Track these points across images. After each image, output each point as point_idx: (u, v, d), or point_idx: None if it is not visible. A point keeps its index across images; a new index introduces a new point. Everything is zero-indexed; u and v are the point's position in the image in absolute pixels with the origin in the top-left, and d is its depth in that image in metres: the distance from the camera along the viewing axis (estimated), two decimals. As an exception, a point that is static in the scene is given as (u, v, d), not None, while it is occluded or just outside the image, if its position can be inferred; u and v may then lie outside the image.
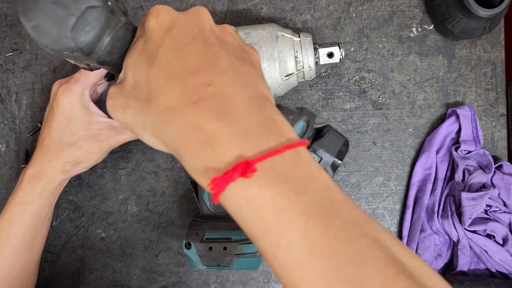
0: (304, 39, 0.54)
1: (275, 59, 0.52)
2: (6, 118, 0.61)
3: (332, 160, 0.42)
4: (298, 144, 0.27)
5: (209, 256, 0.52)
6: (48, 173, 0.50)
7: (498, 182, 0.59)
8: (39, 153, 0.51)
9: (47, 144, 0.51)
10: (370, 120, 0.63)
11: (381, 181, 0.63)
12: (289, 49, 0.53)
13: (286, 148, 0.26)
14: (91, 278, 0.60)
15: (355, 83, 0.63)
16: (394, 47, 0.63)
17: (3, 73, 0.61)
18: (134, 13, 0.62)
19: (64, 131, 0.50)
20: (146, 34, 0.31)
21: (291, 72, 0.53)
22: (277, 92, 0.54)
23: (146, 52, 0.30)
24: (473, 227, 0.57)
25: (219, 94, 0.27)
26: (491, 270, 0.58)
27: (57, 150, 0.50)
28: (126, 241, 0.61)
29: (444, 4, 0.58)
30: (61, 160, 0.51)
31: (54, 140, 0.51)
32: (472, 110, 0.60)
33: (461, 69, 0.63)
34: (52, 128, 0.51)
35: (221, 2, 0.62)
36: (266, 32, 0.52)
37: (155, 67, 0.29)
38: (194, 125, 0.27)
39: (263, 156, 0.25)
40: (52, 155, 0.50)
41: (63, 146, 0.50)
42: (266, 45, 0.52)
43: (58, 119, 0.50)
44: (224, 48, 0.30)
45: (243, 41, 0.35)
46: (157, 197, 0.61)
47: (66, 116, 0.50)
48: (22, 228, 0.51)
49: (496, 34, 0.63)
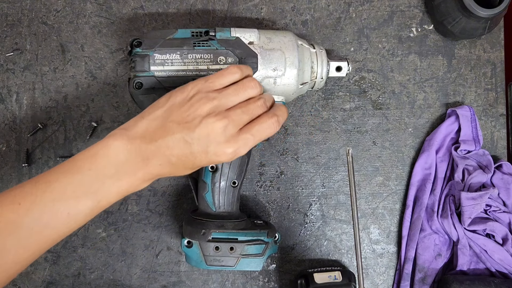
0: (320, 51, 0.55)
1: (296, 67, 0.52)
2: (6, 118, 0.61)
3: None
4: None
5: (214, 256, 0.52)
6: (158, 175, 0.44)
7: (498, 182, 0.59)
8: (161, 160, 0.43)
9: (176, 158, 0.44)
10: (370, 120, 0.63)
11: (381, 180, 0.63)
12: (308, 59, 0.54)
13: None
14: (92, 278, 0.60)
15: (355, 83, 0.63)
16: (394, 47, 0.63)
17: (3, 73, 0.61)
18: (134, 13, 0.62)
19: (197, 166, 0.46)
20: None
21: (306, 81, 0.54)
22: (289, 99, 0.55)
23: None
24: (473, 227, 0.57)
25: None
26: (491, 270, 0.59)
27: (179, 169, 0.45)
28: (126, 240, 0.61)
29: (444, 4, 0.58)
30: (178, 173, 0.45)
31: (185, 164, 0.44)
32: (471, 110, 0.61)
33: (461, 69, 0.63)
34: (192, 160, 0.44)
35: (221, 2, 0.62)
36: (288, 40, 0.53)
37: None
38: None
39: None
40: (168, 170, 0.44)
41: (187, 169, 0.45)
42: (289, 53, 0.52)
43: (204, 162, 0.44)
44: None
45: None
46: (158, 197, 0.61)
47: (210, 163, 0.46)
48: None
49: (495, 34, 0.63)
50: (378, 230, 0.62)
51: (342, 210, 0.62)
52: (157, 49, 0.51)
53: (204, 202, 0.54)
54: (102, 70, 0.61)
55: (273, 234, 0.54)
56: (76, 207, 0.41)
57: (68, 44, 0.61)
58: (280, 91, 0.53)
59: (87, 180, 0.41)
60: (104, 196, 0.42)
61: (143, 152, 0.43)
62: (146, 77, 0.51)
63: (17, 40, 0.61)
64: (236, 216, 0.54)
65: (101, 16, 0.62)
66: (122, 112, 0.61)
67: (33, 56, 0.61)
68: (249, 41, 0.52)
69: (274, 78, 0.52)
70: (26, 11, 0.61)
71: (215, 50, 0.51)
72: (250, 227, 0.54)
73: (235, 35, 0.52)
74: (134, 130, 0.44)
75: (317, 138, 0.63)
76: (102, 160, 0.42)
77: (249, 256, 0.52)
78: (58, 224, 0.41)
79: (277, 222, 0.62)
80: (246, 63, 0.51)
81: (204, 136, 0.43)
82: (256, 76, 0.51)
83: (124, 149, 0.42)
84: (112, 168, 0.42)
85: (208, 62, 0.51)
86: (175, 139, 0.43)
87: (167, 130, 0.43)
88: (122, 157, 0.42)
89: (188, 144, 0.43)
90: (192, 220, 0.54)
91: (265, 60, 0.52)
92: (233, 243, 0.52)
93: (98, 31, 0.62)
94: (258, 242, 0.53)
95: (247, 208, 0.62)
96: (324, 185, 0.62)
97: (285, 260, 0.62)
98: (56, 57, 0.61)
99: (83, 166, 0.42)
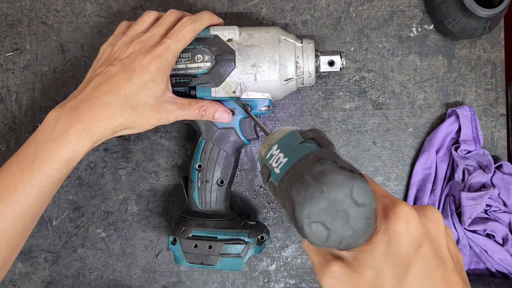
0: (306, 45, 0.54)
1: (276, 63, 0.52)
2: (6, 118, 0.61)
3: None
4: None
5: (194, 253, 0.52)
6: (100, 131, 0.46)
7: (498, 182, 0.59)
8: (93, 107, 0.45)
9: (107, 101, 0.46)
10: (370, 120, 0.63)
11: (381, 181, 0.63)
12: (291, 53, 0.53)
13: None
14: (91, 278, 0.60)
15: (355, 83, 0.63)
16: (394, 47, 0.63)
17: (3, 73, 0.61)
18: (134, 13, 0.62)
19: (134, 95, 0.47)
20: (392, 237, 0.31)
21: (291, 77, 0.54)
22: (275, 96, 0.55)
23: (392, 259, 0.31)
24: (473, 227, 0.57)
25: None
26: (491, 270, 0.59)
27: (118, 110, 0.46)
28: (126, 241, 0.61)
29: (444, 4, 0.58)
30: (118, 120, 0.46)
31: (118, 99, 0.46)
32: (472, 110, 0.61)
33: (461, 69, 0.63)
34: (121, 87, 0.46)
35: (221, 2, 0.62)
36: (269, 35, 0.52)
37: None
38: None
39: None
40: (111, 114, 0.46)
41: (126, 107, 0.47)
42: (268, 48, 0.52)
43: (134, 81, 0.46)
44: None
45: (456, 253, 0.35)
46: (157, 197, 0.61)
47: (144, 80, 0.47)
48: (55, 189, 0.46)
49: (496, 34, 0.63)
50: (378, 230, 0.62)
51: (342, 210, 0.62)
52: None
53: (191, 201, 0.55)
54: (102, 70, 0.61)
55: (256, 234, 0.53)
56: (20, 179, 0.44)
57: (68, 44, 0.61)
58: (263, 88, 0.53)
59: (27, 152, 0.45)
60: (43, 161, 0.44)
61: (73, 106, 0.46)
62: None
63: (16, 40, 0.61)
64: (222, 215, 0.54)
65: (101, 16, 0.62)
66: (122, 112, 0.61)
67: (32, 56, 0.61)
68: (228, 38, 0.52)
69: (254, 75, 0.52)
70: (25, 11, 0.61)
71: (193, 48, 0.52)
72: (234, 227, 0.54)
73: (214, 33, 0.52)
74: (67, 98, 0.48)
75: (317, 138, 0.62)
76: (39, 131, 0.46)
77: (228, 255, 0.52)
78: (10, 200, 0.44)
79: (276, 223, 0.62)
80: (223, 60, 0.51)
81: (125, 58, 0.48)
82: (234, 73, 0.52)
83: (56, 113, 0.46)
84: (46, 133, 0.45)
85: (186, 60, 0.52)
86: (99, 77, 0.47)
87: (92, 76, 0.48)
88: (53, 121, 0.45)
89: (109, 71, 0.47)
90: (179, 219, 0.55)
91: (243, 57, 0.51)
92: (212, 242, 0.52)
93: (98, 31, 0.62)
94: (237, 241, 0.52)
95: (247, 208, 0.62)
96: (324, 185, 0.62)
97: (285, 260, 0.62)
98: (56, 57, 0.61)
99: (26, 143, 0.46)
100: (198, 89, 0.52)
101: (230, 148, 0.54)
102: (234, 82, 0.52)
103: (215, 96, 0.52)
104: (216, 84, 0.52)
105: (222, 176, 0.54)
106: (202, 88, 0.52)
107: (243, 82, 0.52)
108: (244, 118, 0.55)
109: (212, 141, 0.54)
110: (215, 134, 0.54)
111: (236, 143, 0.55)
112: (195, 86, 0.52)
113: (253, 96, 0.53)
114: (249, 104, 0.53)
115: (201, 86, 0.52)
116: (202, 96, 0.52)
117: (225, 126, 0.54)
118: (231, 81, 0.52)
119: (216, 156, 0.54)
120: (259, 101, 0.54)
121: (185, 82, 0.52)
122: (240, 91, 0.52)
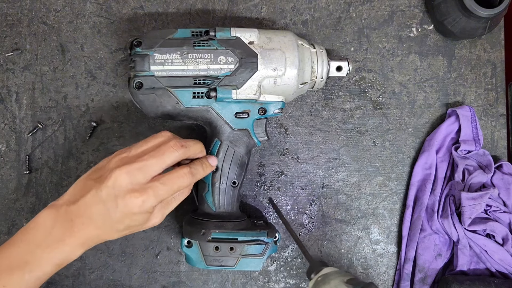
0: (320, 51, 0.55)
1: (296, 67, 0.52)
2: (6, 118, 0.61)
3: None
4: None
5: (214, 256, 0.52)
6: (93, 243, 0.46)
7: (498, 182, 0.59)
8: (86, 224, 0.44)
9: (95, 214, 0.44)
10: (370, 120, 0.63)
11: (381, 181, 0.63)
12: (308, 58, 0.54)
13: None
14: (91, 278, 0.60)
15: (355, 83, 0.63)
16: (394, 47, 0.63)
17: (3, 73, 0.61)
18: (134, 13, 0.62)
19: (117, 223, 0.45)
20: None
21: (306, 81, 0.54)
22: (289, 99, 0.55)
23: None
24: (473, 227, 0.57)
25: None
26: (491, 270, 0.59)
27: (110, 232, 0.46)
28: (126, 241, 0.61)
29: (444, 4, 0.58)
30: (109, 237, 0.46)
31: (104, 220, 0.45)
32: (472, 110, 0.61)
33: (461, 69, 0.63)
34: (108, 214, 0.44)
35: (221, 2, 0.62)
36: (288, 40, 0.53)
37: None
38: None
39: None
40: (103, 233, 0.46)
41: (116, 231, 0.46)
42: (289, 52, 0.52)
43: (119, 215, 0.44)
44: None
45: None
46: (157, 197, 0.61)
47: (129, 219, 0.45)
48: (41, 284, 0.45)
49: (496, 34, 0.63)
50: (378, 230, 0.62)
51: (342, 210, 0.62)
52: (157, 49, 0.51)
53: (204, 202, 0.54)
54: (102, 70, 0.61)
55: (273, 234, 0.54)
56: (10, 279, 0.42)
57: (68, 44, 0.61)
58: (280, 91, 0.53)
59: (19, 251, 0.44)
60: (36, 265, 0.43)
61: (68, 215, 0.44)
62: (146, 77, 0.51)
63: (17, 40, 0.61)
64: (236, 216, 0.54)
65: (101, 16, 0.62)
66: (122, 112, 0.61)
67: (32, 56, 0.61)
68: (249, 40, 0.52)
69: (274, 78, 0.52)
70: (25, 11, 0.61)
71: (215, 49, 0.51)
72: (250, 227, 0.54)
73: (235, 34, 0.52)
74: (62, 198, 0.46)
75: (317, 138, 0.63)
76: (32, 230, 0.44)
77: (249, 256, 0.52)
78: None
79: (277, 222, 0.62)
80: (247, 63, 0.51)
81: (111, 186, 0.44)
82: (256, 76, 0.51)
83: (51, 216, 0.44)
84: (41, 236, 0.44)
85: (208, 61, 0.51)
86: (91, 195, 0.44)
87: (86, 189, 0.45)
88: (49, 224, 0.44)
89: (100, 198, 0.44)
90: (192, 220, 0.54)
91: (265, 60, 0.51)
92: (233, 243, 0.52)
93: (98, 31, 0.62)
94: (258, 242, 0.53)
95: (247, 208, 0.62)
96: (324, 185, 0.62)
97: (285, 260, 0.62)
98: (56, 57, 0.61)
99: (17, 238, 0.44)
100: (219, 90, 0.51)
101: (243, 149, 0.54)
102: (255, 85, 0.52)
103: (236, 98, 0.52)
104: (238, 87, 0.52)
105: (236, 177, 0.54)
106: (224, 90, 0.51)
107: (263, 85, 0.52)
108: (257, 119, 0.55)
109: (227, 142, 0.54)
110: (230, 136, 0.54)
111: (249, 144, 0.55)
112: (216, 87, 0.52)
113: (269, 99, 0.54)
114: (264, 106, 0.54)
115: (223, 88, 0.52)
116: (222, 98, 0.52)
117: (240, 128, 0.54)
118: (253, 84, 0.52)
119: (232, 157, 0.54)
120: (274, 103, 0.54)
121: (205, 83, 0.52)
122: (259, 94, 0.52)
